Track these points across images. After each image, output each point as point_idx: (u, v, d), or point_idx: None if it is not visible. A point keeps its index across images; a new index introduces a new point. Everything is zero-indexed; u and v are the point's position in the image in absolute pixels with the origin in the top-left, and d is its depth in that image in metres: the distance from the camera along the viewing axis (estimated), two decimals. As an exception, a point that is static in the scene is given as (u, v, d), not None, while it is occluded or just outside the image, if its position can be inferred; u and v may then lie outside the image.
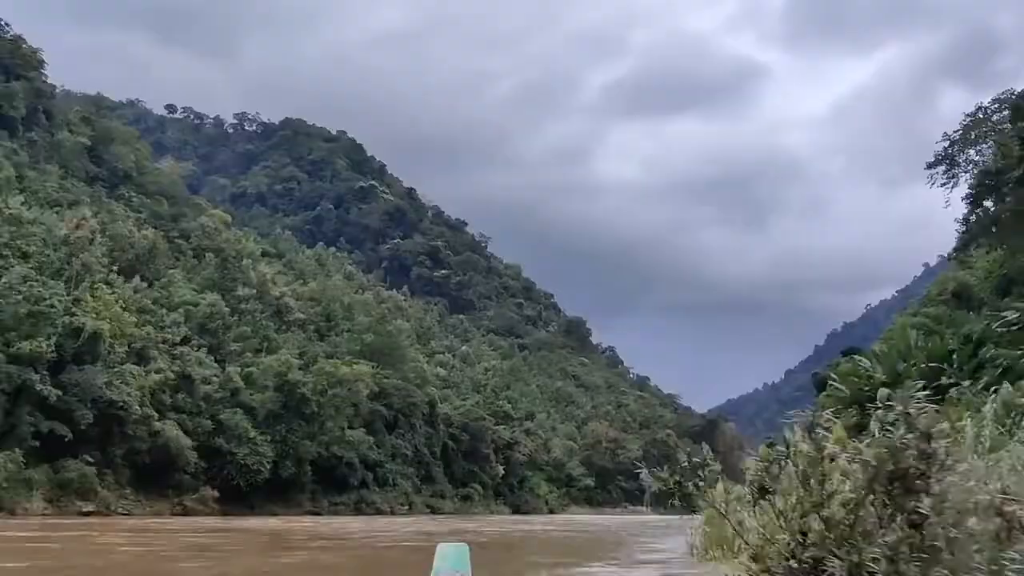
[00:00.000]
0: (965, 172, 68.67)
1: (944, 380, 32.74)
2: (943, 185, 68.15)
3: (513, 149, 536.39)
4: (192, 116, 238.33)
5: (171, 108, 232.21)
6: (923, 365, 32.42)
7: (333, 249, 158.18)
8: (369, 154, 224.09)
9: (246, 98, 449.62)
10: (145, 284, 66.15)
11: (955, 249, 38.90)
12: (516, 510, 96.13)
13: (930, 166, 69.42)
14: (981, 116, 65.95)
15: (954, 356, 32.58)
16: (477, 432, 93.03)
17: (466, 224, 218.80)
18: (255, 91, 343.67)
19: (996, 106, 65.11)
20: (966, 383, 30.10)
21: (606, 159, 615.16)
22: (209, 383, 60.47)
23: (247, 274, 77.65)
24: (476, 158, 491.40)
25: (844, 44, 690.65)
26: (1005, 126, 51.86)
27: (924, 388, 29.85)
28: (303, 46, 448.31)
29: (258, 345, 70.09)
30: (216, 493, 56.63)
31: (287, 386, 62.18)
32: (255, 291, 75.78)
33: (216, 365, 63.75)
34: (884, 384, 33.18)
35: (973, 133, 66.60)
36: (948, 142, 68.34)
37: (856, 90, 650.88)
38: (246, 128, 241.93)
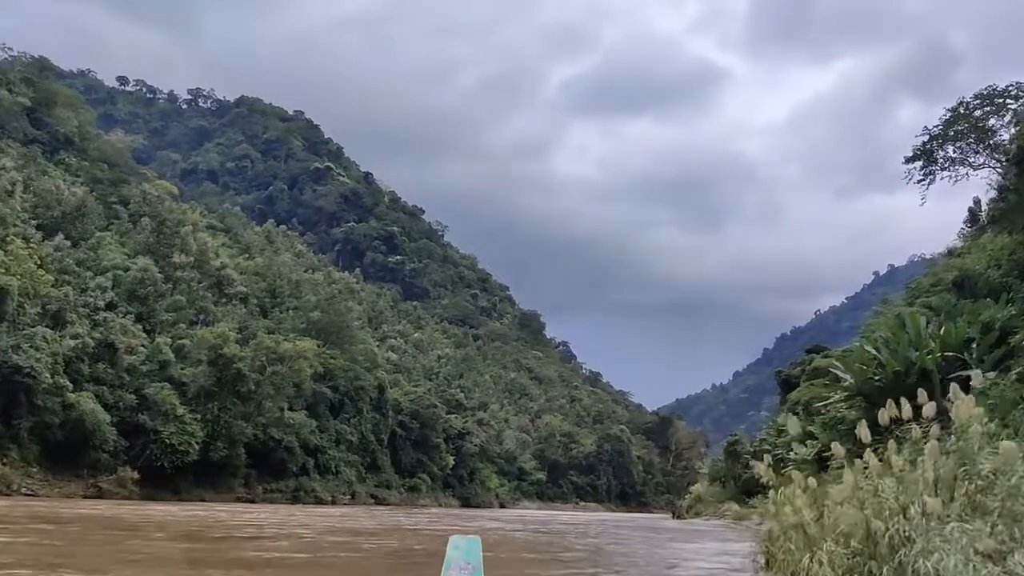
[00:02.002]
0: (943, 170, 66.26)
1: (964, 371, 29.13)
2: (919, 182, 65.38)
3: (473, 140, 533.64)
4: (145, 89, 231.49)
5: (123, 80, 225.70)
6: (939, 355, 28.72)
7: (284, 227, 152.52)
8: (326, 136, 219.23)
9: (203, 75, 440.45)
10: (69, 243, 60.24)
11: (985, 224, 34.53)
12: (465, 503, 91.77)
13: (907, 161, 66.23)
14: (963, 111, 63.42)
15: (973, 345, 28.96)
16: (428, 420, 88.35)
17: (423, 211, 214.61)
18: (213, 68, 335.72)
19: (978, 101, 62.57)
20: (991, 374, 26.56)
21: (565, 155, 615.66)
22: (134, 353, 54.90)
23: (186, 241, 71.90)
24: (435, 147, 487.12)
25: (805, 52, 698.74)
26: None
27: (943, 379, 25.87)
28: (264, 25, 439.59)
29: (193, 317, 64.55)
30: (136, 475, 51.02)
31: (222, 360, 56.65)
32: (193, 259, 70.12)
33: (145, 335, 58.22)
34: (897, 374, 29.36)
35: (952, 129, 64.04)
36: (927, 136, 65.78)
37: (814, 99, 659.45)
38: (200, 104, 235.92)
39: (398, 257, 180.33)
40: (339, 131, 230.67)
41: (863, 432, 10.27)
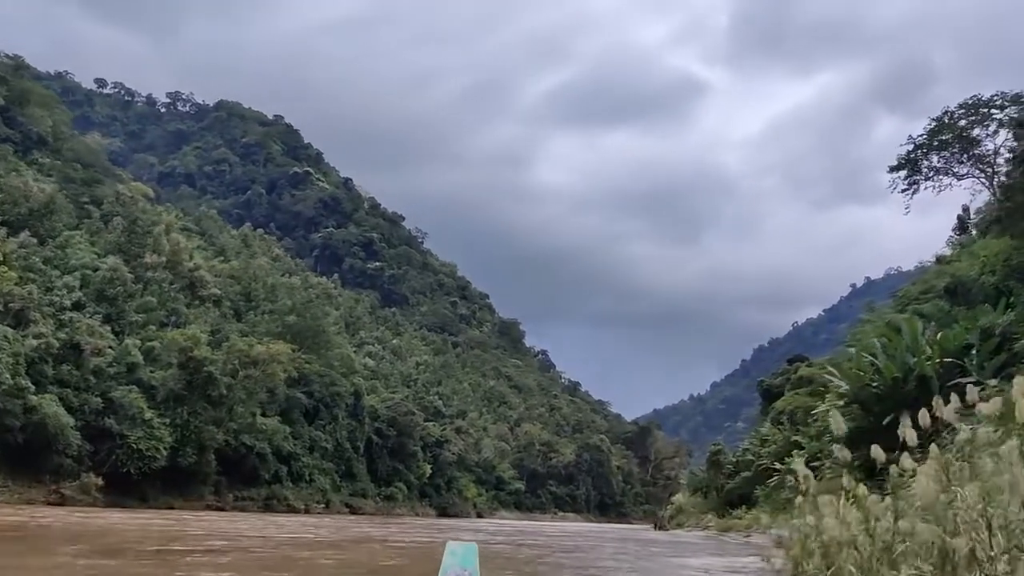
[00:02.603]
0: (927, 179, 65.57)
1: (964, 378, 28.06)
2: (904, 191, 64.78)
3: (453, 148, 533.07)
4: (123, 92, 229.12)
5: (101, 83, 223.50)
6: (937, 360, 27.64)
7: (261, 231, 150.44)
8: (306, 141, 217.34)
9: (182, 78, 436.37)
10: (35, 241, 58.21)
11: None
12: (442, 512, 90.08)
13: (892, 170, 65.66)
14: (947, 121, 62.76)
15: (973, 351, 27.90)
16: (405, 428, 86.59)
17: (403, 218, 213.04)
18: (192, 72, 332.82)
19: (963, 111, 61.93)
20: (992, 382, 25.49)
21: (545, 165, 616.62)
22: (101, 355, 52.93)
23: (158, 241, 69.93)
24: (415, 154, 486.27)
25: (784, 66, 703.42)
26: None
27: (942, 387, 24.71)
28: (244, 30, 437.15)
29: (164, 318, 62.60)
30: (100, 481, 49.06)
31: (192, 363, 54.78)
32: (165, 260, 68.15)
33: (113, 336, 56.25)
34: (895, 380, 28.20)
35: (937, 139, 63.37)
36: (912, 145, 65.09)
37: (793, 112, 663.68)
38: (179, 108, 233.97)
39: (377, 263, 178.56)
40: (318, 137, 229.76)
41: (908, 435, 8.83)
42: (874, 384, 27.51)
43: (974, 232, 50.11)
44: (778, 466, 51.15)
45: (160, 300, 64.02)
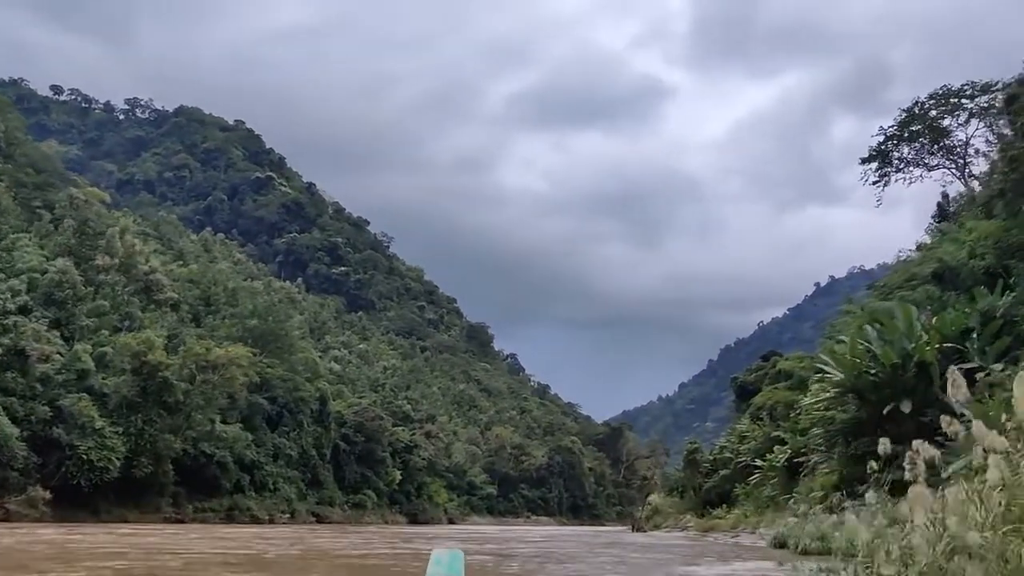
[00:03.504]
0: (897, 171, 64.65)
1: (964, 363, 26.54)
2: (875, 183, 63.88)
3: (418, 153, 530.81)
4: (80, 99, 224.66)
5: (57, 90, 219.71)
6: (936, 346, 26.04)
7: (222, 235, 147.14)
8: (268, 146, 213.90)
9: (141, 85, 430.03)
10: (-23, 244, 55.33)
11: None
12: (413, 519, 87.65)
13: (863, 162, 64.87)
14: (917, 111, 61.83)
15: (974, 335, 26.36)
16: (373, 433, 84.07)
17: (368, 222, 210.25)
18: (150, 79, 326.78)
19: (933, 101, 61.04)
20: (997, 367, 23.94)
21: (510, 169, 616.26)
22: (49, 361, 50.08)
23: (112, 243, 67.03)
24: (380, 160, 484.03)
25: (746, 69, 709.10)
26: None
27: (943, 373, 22.93)
28: (202, 37, 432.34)
29: (117, 323, 59.76)
30: (48, 495, 46.16)
31: (146, 368, 51.99)
32: (118, 262, 65.22)
33: (62, 342, 53.42)
34: (894, 367, 26.55)
35: (908, 130, 62.42)
36: (883, 136, 64.04)
37: (755, 114, 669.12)
38: (138, 114, 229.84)
39: (342, 268, 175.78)
40: (280, 142, 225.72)
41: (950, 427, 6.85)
42: (872, 372, 25.86)
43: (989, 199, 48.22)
44: (759, 463, 49.72)
45: (113, 304, 61.21)
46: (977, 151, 59.45)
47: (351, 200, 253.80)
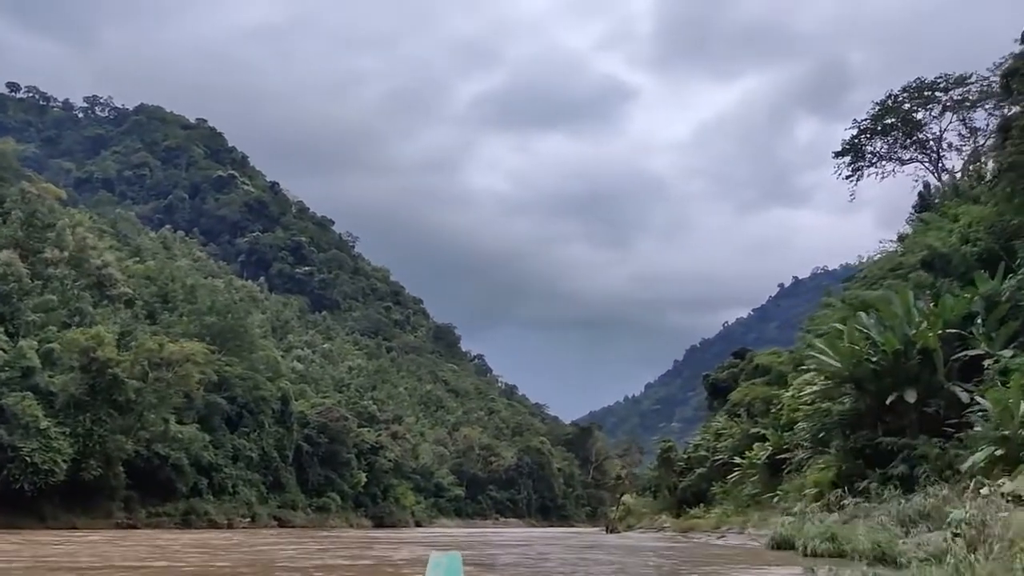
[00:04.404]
0: (870, 165, 63.68)
1: (967, 349, 24.96)
2: (847, 178, 62.89)
3: (382, 153, 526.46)
4: (38, 97, 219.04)
5: (14, 87, 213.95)
6: (939, 332, 24.39)
7: (182, 233, 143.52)
8: (230, 144, 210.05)
9: (101, 84, 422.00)
10: (-85, 235, 52.16)
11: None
12: (379, 523, 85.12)
13: (837, 155, 63.80)
14: (891, 104, 60.82)
15: (978, 320, 24.79)
16: (337, 434, 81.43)
17: (333, 222, 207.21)
18: (110, 77, 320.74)
19: (906, 95, 60.11)
20: (1007, 353, 22.36)
21: (475, 170, 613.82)
22: (-10, 359, 47.15)
23: (62, 237, 64.05)
24: (343, 160, 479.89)
25: (709, 71, 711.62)
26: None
27: (947, 360, 21.17)
28: (164, 35, 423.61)
29: (66, 318, 56.72)
30: (-12, 499, 43.41)
31: (96, 365, 49.08)
32: (68, 256, 62.24)
33: (6, 338, 50.39)
34: (896, 354, 24.82)
35: (881, 123, 61.41)
36: (856, 129, 62.98)
37: (718, 116, 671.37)
38: (97, 113, 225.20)
39: (306, 268, 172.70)
40: (243, 141, 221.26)
41: None
42: (873, 360, 24.12)
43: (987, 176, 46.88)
44: (738, 460, 48.12)
45: (62, 299, 58.21)
46: (950, 145, 58.86)
47: (316, 200, 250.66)
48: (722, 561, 18.77)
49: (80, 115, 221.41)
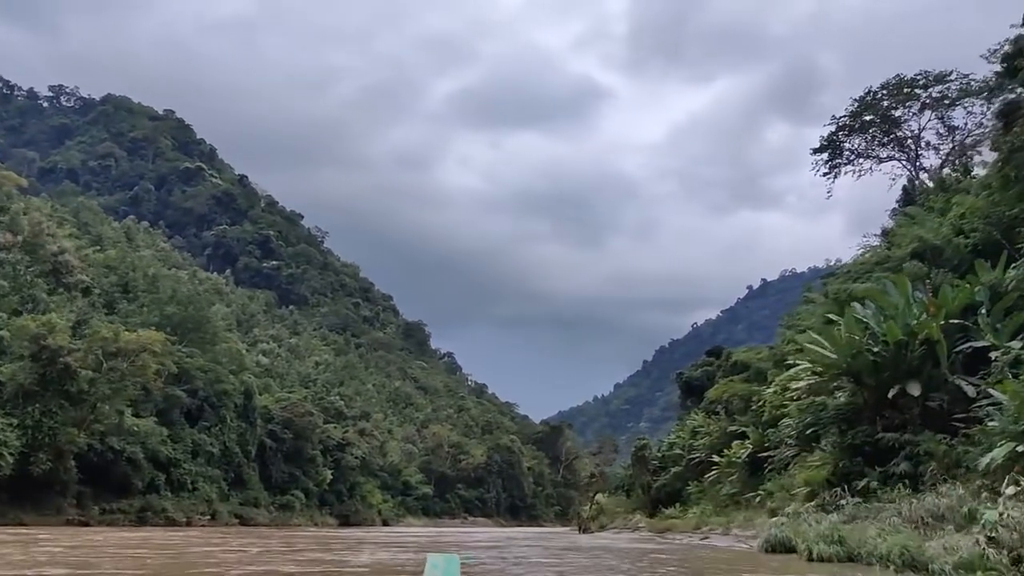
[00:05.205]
0: (848, 163, 62.93)
1: (970, 340, 23.61)
2: (825, 175, 62.12)
3: (354, 149, 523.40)
4: (1, 85, 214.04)
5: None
6: (941, 323, 23.01)
7: (146, 223, 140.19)
8: (199, 136, 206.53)
9: (67, 74, 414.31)
10: None
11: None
12: (344, 521, 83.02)
13: (815, 152, 63.00)
14: (870, 100, 60.00)
15: (982, 311, 23.44)
16: (302, 430, 79.15)
17: (302, 217, 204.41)
18: (77, 67, 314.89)
19: (885, 91, 59.28)
20: (1016, 344, 20.97)
21: (448, 168, 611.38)
22: (-67, 346, 44.63)
23: (16, 221, 61.43)
24: (315, 155, 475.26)
25: (682, 73, 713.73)
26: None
27: (950, 351, 19.73)
28: (131, 25, 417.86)
29: (18, 305, 54.18)
30: (-72, 494, 40.95)
31: (46, 354, 46.65)
32: (22, 240, 59.63)
33: (-48, 326, 47.97)
34: (899, 345, 23.42)
35: (860, 120, 60.55)
36: (835, 126, 62.13)
37: (690, 117, 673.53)
38: (62, 102, 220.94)
39: (274, 262, 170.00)
40: (213, 135, 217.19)
41: None
42: (874, 351, 22.63)
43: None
44: (716, 459, 46.73)
45: (14, 285, 55.70)
46: (928, 143, 58.25)
47: (286, 195, 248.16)
48: (723, 569, 17.04)
49: (45, 104, 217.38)
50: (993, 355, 21.55)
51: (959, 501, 16.06)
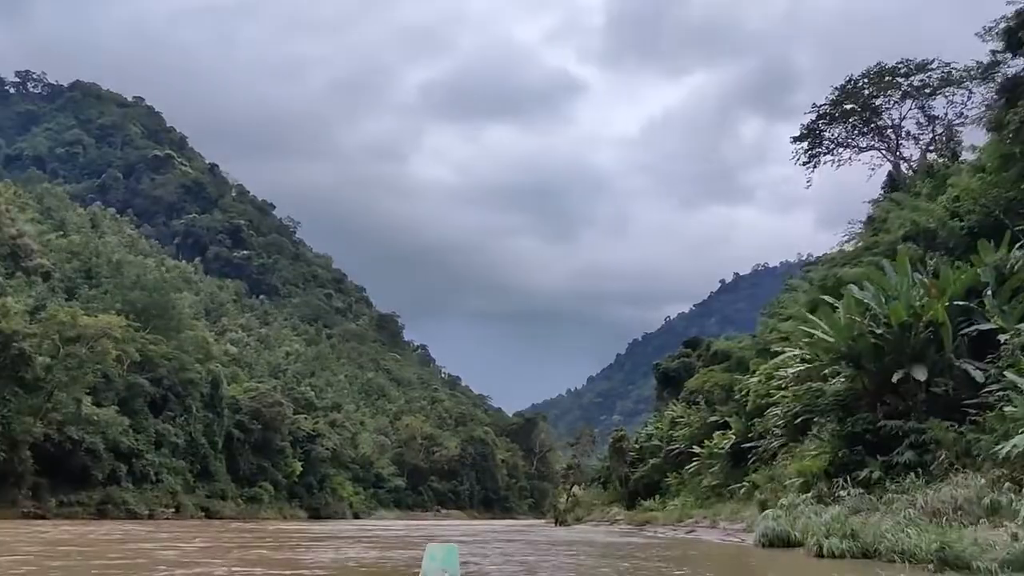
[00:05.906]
0: (827, 153, 62.15)
1: (974, 323, 22.39)
2: (804, 164, 61.32)
3: (327, 140, 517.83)
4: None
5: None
6: (945, 304, 21.73)
7: (113, 210, 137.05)
8: (168, 124, 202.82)
9: (34, 61, 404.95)
10: None
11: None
12: (314, 514, 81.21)
13: (795, 140, 62.06)
14: (851, 88, 59.18)
15: (988, 293, 22.22)
16: (271, 421, 77.20)
17: (274, 206, 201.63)
18: (45, 55, 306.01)
19: (866, 80, 58.47)
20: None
21: (422, 159, 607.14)
22: None
23: (-29, 204, 59.08)
24: (288, 145, 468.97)
25: (657, 67, 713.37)
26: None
27: (954, 334, 18.48)
28: (101, 12, 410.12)
29: (-28, 290, 52.02)
30: None
31: (0, 339, 44.64)
32: (-23, 222, 57.33)
33: (-101, 309, 45.64)
34: (903, 327, 22.11)
35: (840, 109, 59.74)
36: (815, 114, 61.30)
37: (665, 112, 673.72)
38: (29, 88, 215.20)
39: (244, 252, 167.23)
40: (184, 124, 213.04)
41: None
42: (877, 332, 21.28)
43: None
44: (697, 450, 45.53)
45: (-32, 268, 53.44)
46: (908, 133, 57.58)
47: (258, 185, 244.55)
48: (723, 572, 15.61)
49: (11, 90, 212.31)
50: (1002, 338, 20.31)
51: (979, 492, 14.73)
